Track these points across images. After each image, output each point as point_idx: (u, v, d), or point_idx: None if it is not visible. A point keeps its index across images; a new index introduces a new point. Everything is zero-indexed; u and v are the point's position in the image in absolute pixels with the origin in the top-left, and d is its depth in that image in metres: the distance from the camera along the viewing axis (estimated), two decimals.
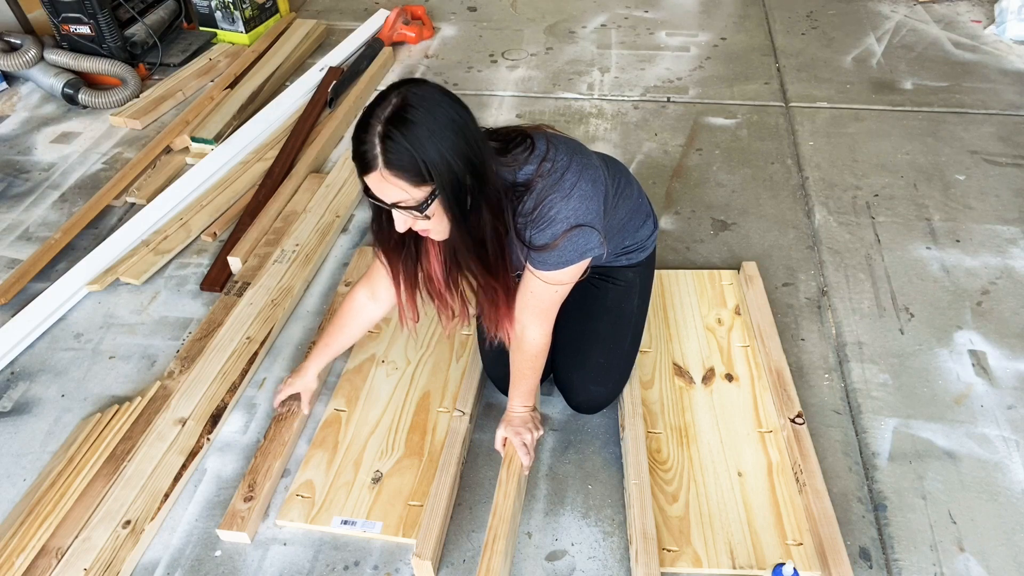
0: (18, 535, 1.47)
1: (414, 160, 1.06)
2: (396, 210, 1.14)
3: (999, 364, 1.80)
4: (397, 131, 1.05)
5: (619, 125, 2.70)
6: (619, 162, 1.58)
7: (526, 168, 1.24)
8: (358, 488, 1.54)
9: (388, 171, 1.07)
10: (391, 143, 1.05)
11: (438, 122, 1.07)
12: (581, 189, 1.25)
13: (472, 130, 1.12)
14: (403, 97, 1.07)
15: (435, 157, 1.07)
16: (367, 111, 1.09)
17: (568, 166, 1.25)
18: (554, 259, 1.28)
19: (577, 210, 1.25)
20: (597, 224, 1.29)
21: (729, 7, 3.51)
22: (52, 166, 2.57)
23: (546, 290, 1.34)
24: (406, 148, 1.05)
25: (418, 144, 1.06)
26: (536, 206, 1.24)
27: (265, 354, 1.87)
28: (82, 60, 2.85)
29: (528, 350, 1.44)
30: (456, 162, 1.09)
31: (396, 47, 3.22)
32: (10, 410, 1.77)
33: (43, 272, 2.11)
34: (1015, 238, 2.15)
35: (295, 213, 2.27)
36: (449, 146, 1.08)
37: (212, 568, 1.44)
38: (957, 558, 1.43)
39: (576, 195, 1.25)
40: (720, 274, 2.01)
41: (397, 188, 1.09)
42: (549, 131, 1.32)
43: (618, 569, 1.43)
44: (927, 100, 2.77)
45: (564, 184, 1.24)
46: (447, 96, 1.11)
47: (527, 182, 1.24)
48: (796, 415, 1.61)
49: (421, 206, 1.11)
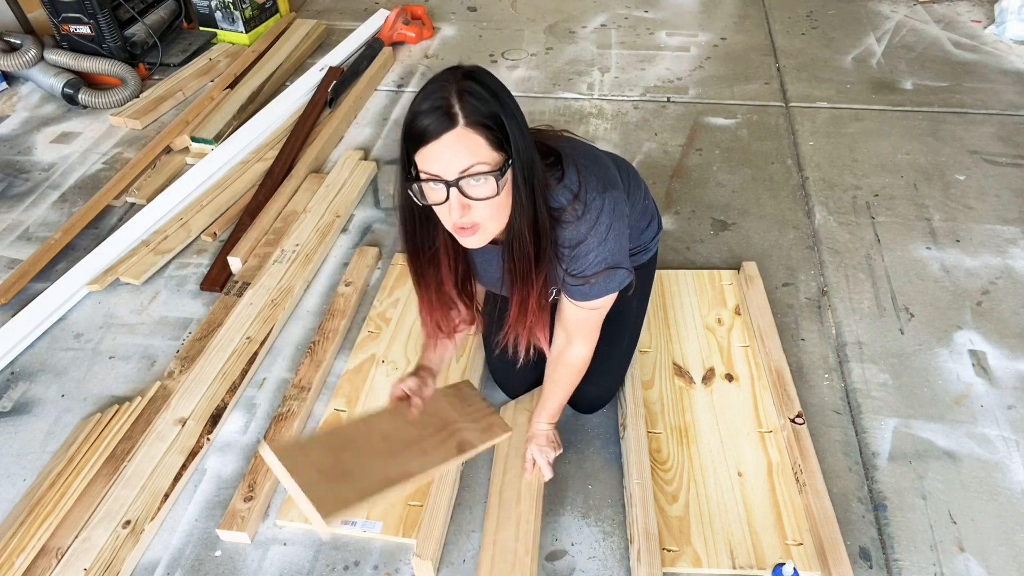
0: (18, 535, 1.47)
1: (497, 116, 1.00)
2: (457, 187, 1.03)
3: (999, 364, 1.80)
4: (477, 87, 1.00)
5: (619, 125, 2.70)
6: (628, 164, 1.56)
7: (557, 195, 1.18)
8: None
9: (469, 128, 0.99)
10: (472, 98, 0.99)
11: (508, 95, 1.03)
12: (616, 231, 1.23)
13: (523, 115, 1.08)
14: (471, 69, 1.03)
15: (512, 123, 1.02)
16: (432, 80, 1.02)
17: (602, 208, 1.20)
18: (586, 292, 1.28)
19: (613, 252, 1.23)
20: (626, 260, 1.28)
21: (729, 7, 3.51)
22: (52, 166, 2.57)
23: (581, 314, 1.34)
24: (488, 100, 1.00)
25: (498, 104, 1.01)
26: (572, 245, 1.21)
27: (265, 354, 1.87)
28: (82, 60, 2.85)
29: (571, 363, 1.43)
30: (526, 138, 1.04)
31: (396, 47, 3.22)
32: (10, 410, 1.77)
33: (43, 272, 2.11)
34: (1015, 238, 2.15)
35: (295, 213, 2.27)
36: (520, 121, 1.03)
37: (212, 568, 1.44)
38: (957, 558, 1.43)
39: (611, 238, 1.22)
40: (720, 274, 2.01)
41: (474, 148, 1.00)
42: (566, 137, 1.28)
43: (618, 569, 1.43)
44: (927, 100, 2.77)
45: (599, 228, 1.20)
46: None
47: (559, 211, 1.18)
48: (796, 415, 1.61)
49: (500, 170, 1.03)
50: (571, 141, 1.28)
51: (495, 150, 1.02)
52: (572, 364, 1.43)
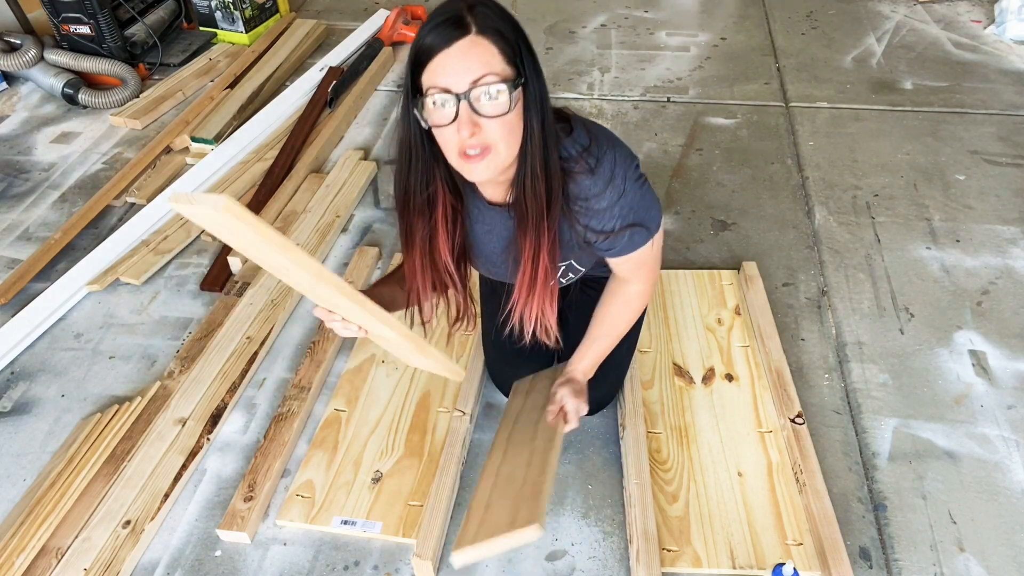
0: (18, 535, 1.47)
1: (511, 27, 0.97)
2: (468, 100, 0.96)
3: (999, 364, 1.80)
4: (487, 6, 0.97)
5: (619, 125, 2.70)
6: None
7: (567, 146, 1.12)
8: (358, 488, 1.54)
9: (482, 35, 0.95)
10: (485, 9, 0.96)
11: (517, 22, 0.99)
12: (633, 182, 1.16)
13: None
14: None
15: (524, 41, 0.99)
16: (438, 8, 0.98)
17: (615, 161, 1.13)
18: (613, 248, 1.21)
19: (634, 206, 1.16)
20: (651, 216, 1.20)
21: (729, 7, 3.51)
22: (52, 166, 2.57)
23: (625, 264, 1.25)
24: (500, 14, 0.97)
25: (509, 21, 0.98)
26: (587, 198, 1.14)
27: (265, 354, 1.87)
28: (82, 60, 2.85)
29: (626, 299, 1.33)
30: (539, 65, 1.00)
31: (396, 47, 3.22)
32: (10, 410, 1.77)
33: (43, 272, 2.11)
34: (1015, 238, 2.15)
35: (295, 213, 2.27)
36: (528, 41, 1.00)
37: (212, 568, 1.44)
38: (957, 558, 1.43)
39: (631, 190, 1.15)
40: (720, 274, 2.01)
41: (487, 58, 0.95)
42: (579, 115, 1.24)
43: (618, 569, 1.43)
44: (927, 100, 2.77)
45: (616, 182, 1.14)
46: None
47: (569, 160, 1.12)
48: (796, 415, 1.61)
49: (515, 81, 0.97)
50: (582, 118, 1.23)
51: (508, 64, 0.97)
52: (628, 300, 1.33)
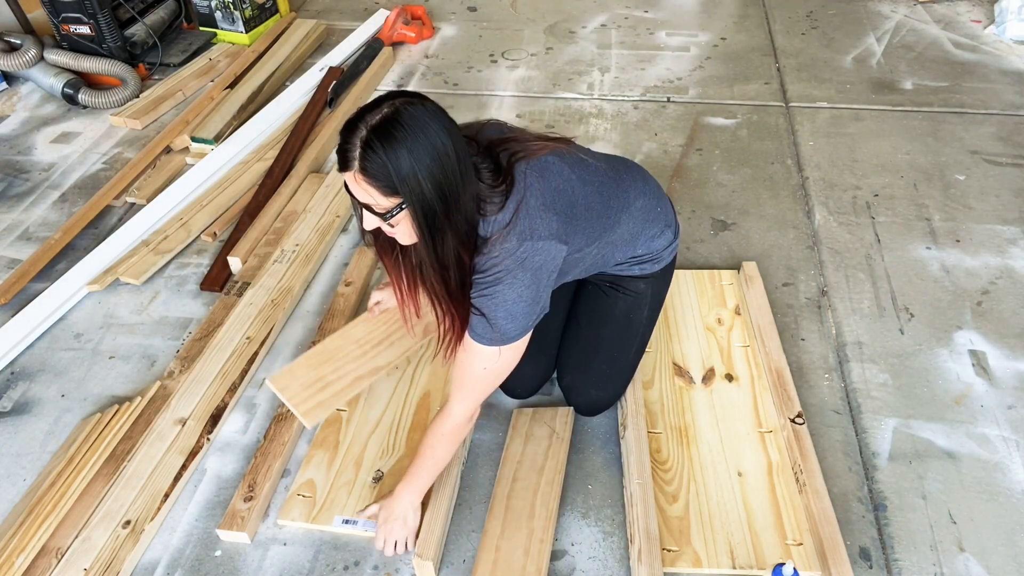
0: (18, 535, 1.47)
1: (387, 174, 1.09)
2: (365, 210, 1.17)
3: (999, 364, 1.80)
4: (378, 142, 1.08)
5: (619, 125, 2.70)
6: (630, 172, 1.50)
7: (486, 225, 1.22)
8: (359, 487, 1.54)
9: (362, 176, 1.10)
10: (370, 152, 1.08)
11: (420, 145, 1.09)
12: (519, 284, 1.22)
13: (454, 159, 1.12)
14: (395, 110, 1.09)
15: (408, 175, 1.09)
16: (358, 113, 1.11)
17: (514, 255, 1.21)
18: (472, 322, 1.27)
19: (502, 304, 1.23)
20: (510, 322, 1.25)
21: (729, 7, 3.51)
22: (52, 166, 2.57)
23: (462, 356, 1.31)
24: (382, 161, 1.08)
25: (395, 160, 1.08)
26: (486, 274, 1.23)
27: (265, 354, 1.87)
28: (82, 60, 2.85)
29: (439, 421, 1.38)
30: (427, 186, 1.11)
31: (396, 47, 3.22)
32: (10, 410, 1.77)
33: (43, 272, 2.11)
34: (1015, 238, 2.15)
35: (295, 213, 2.27)
36: (425, 170, 1.09)
37: (212, 568, 1.44)
38: (957, 558, 1.43)
39: (507, 290, 1.22)
40: (720, 274, 2.01)
41: (367, 193, 1.12)
42: (557, 154, 1.30)
43: (618, 569, 1.43)
44: (927, 100, 2.77)
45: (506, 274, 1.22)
46: (439, 120, 1.12)
47: (484, 240, 1.23)
48: (796, 415, 1.61)
49: (386, 215, 1.14)
50: (544, 170, 1.27)
51: (387, 197, 1.11)
52: (440, 422, 1.37)
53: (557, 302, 1.66)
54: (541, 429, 1.64)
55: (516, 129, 1.34)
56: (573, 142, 1.39)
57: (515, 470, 1.56)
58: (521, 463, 1.57)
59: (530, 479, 1.54)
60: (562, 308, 1.68)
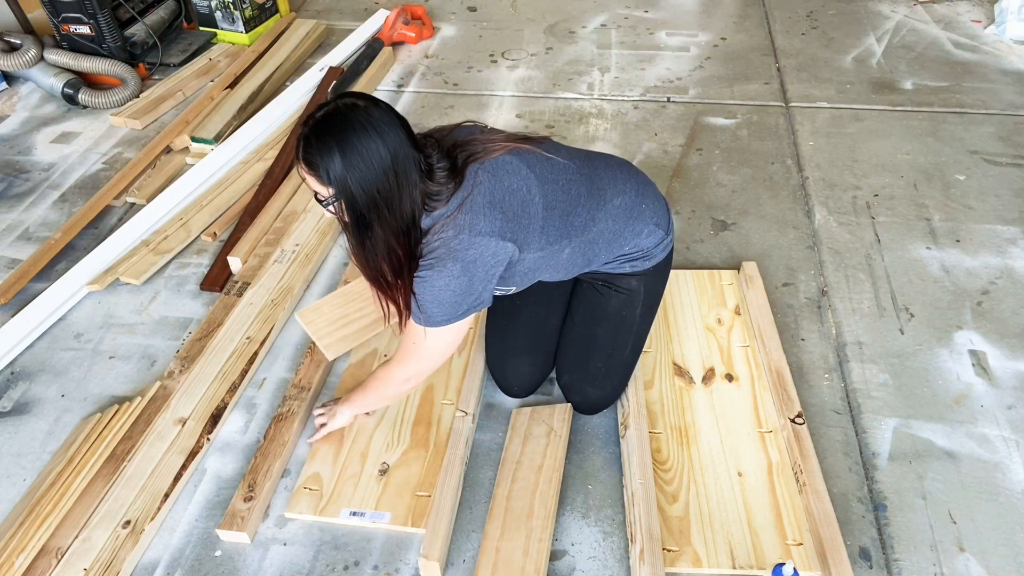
0: (18, 535, 1.47)
1: (318, 167, 1.17)
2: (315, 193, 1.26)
3: (999, 364, 1.80)
4: (314, 138, 1.16)
5: (619, 125, 2.70)
6: (610, 169, 1.49)
7: (429, 216, 1.28)
8: (365, 480, 1.55)
9: (303, 165, 1.20)
10: (308, 146, 1.17)
11: (356, 150, 1.15)
12: (451, 276, 1.28)
13: (389, 163, 1.17)
14: (336, 110, 1.16)
15: (338, 176, 1.17)
16: (316, 107, 1.21)
17: (450, 246, 1.26)
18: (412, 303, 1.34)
19: (433, 292, 1.29)
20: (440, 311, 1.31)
21: (729, 7, 3.51)
22: (52, 166, 2.57)
23: (405, 329, 1.40)
24: (316, 154, 1.16)
25: (327, 158, 1.15)
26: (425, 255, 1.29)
27: (265, 354, 1.87)
28: (82, 60, 2.85)
29: (380, 374, 1.53)
30: (358, 190, 1.17)
31: (396, 47, 3.22)
32: (10, 410, 1.77)
33: (43, 272, 2.11)
34: (1015, 238, 2.15)
35: (295, 213, 2.27)
36: (357, 176, 1.16)
37: (212, 568, 1.44)
38: (957, 558, 1.43)
39: (440, 280, 1.28)
40: (720, 274, 2.01)
41: (308, 180, 1.21)
42: (517, 153, 1.33)
43: (618, 569, 1.43)
44: (927, 100, 2.77)
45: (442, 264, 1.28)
46: (383, 124, 1.17)
47: (426, 231, 1.28)
48: (796, 415, 1.61)
49: (324, 202, 1.23)
50: (498, 170, 1.30)
51: (324, 186, 1.20)
52: (382, 369, 1.52)
53: (554, 301, 1.67)
54: (539, 428, 1.64)
55: (489, 130, 1.38)
56: (550, 140, 1.43)
57: (514, 470, 1.56)
58: (520, 463, 1.57)
59: (529, 479, 1.54)
60: (559, 307, 1.68)
